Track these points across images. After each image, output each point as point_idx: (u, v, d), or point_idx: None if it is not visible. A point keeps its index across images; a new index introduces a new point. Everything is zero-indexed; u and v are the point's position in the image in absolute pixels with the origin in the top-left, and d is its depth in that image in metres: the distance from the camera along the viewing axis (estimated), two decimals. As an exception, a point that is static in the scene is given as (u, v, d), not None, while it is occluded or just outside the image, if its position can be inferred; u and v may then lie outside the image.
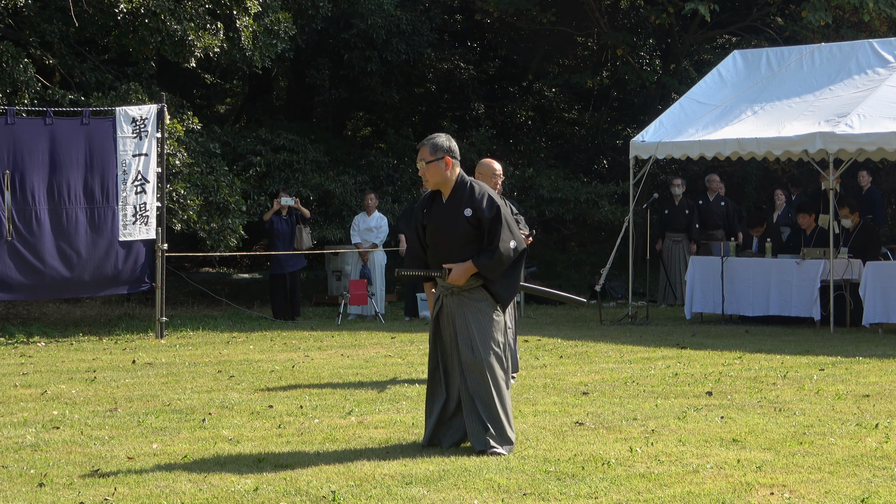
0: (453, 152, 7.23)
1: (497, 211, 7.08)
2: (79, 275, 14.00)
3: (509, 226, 7.10)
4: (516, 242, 7.10)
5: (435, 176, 7.21)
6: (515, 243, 7.09)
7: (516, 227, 7.24)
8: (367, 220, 17.68)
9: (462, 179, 7.23)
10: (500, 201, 7.20)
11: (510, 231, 7.09)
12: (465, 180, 7.23)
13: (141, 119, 14.27)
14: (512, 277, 7.17)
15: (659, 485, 6.14)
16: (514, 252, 7.09)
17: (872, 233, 15.80)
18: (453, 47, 25.70)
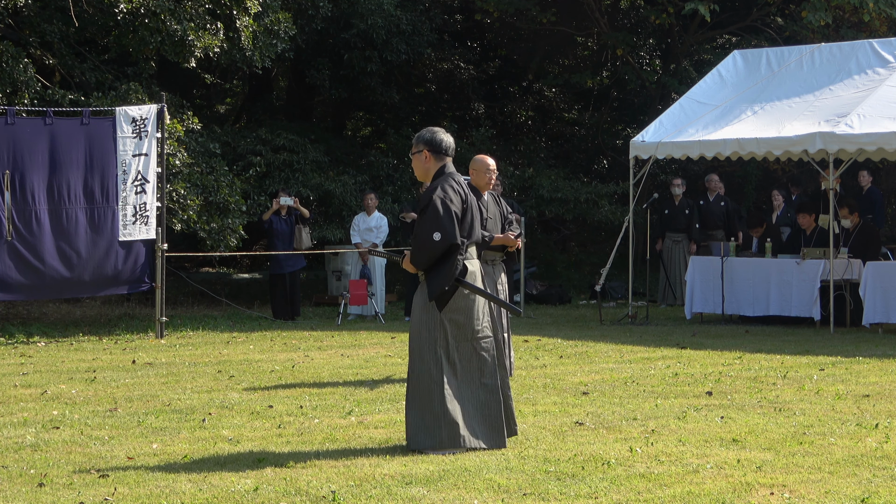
0: (434, 145, 7.22)
1: (427, 202, 7.07)
2: (79, 275, 14.00)
3: (437, 217, 6.99)
4: (440, 234, 6.98)
5: (415, 168, 7.36)
6: (439, 235, 6.98)
7: (450, 220, 7.01)
8: (367, 220, 17.68)
9: (440, 174, 7.20)
10: (446, 194, 7.05)
11: (437, 222, 6.98)
12: (443, 175, 7.19)
13: (141, 119, 14.27)
14: (439, 271, 7.05)
15: (659, 485, 6.14)
16: (435, 243, 6.98)
17: (872, 233, 15.80)
18: (453, 47, 25.69)
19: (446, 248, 7.02)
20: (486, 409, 7.10)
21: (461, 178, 7.31)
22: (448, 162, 7.29)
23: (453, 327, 7.10)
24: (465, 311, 7.13)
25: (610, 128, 26.40)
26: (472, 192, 7.44)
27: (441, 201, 7.06)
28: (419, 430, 7.06)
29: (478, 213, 7.33)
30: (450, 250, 7.03)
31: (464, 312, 7.13)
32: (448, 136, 7.35)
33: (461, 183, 7.25)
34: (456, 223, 7.05)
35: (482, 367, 7.13)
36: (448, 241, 7.01)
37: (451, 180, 7.20)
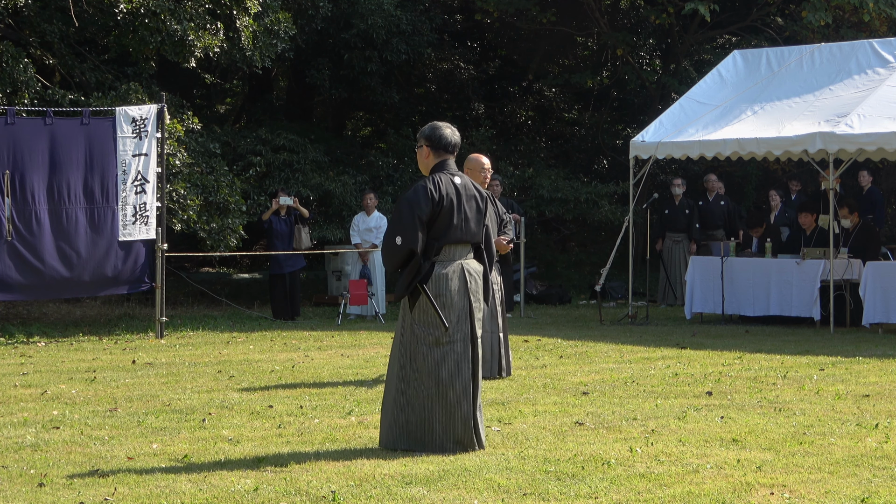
0: (434, 141, 7.14)
1: (396, 205, 7.09)
2: (78, 275, 14.00)
3: (400, 220, 6.94)
4: (401, 238, 6.92)
5: (418, 162, 7.31)
6: (400, 239, 6.93)
7: (412, 223, 6.92)
8: (367, 220, 17.68)
9: (436, 170, 7.13)
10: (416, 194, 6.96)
11: (400, 226, 6.93)
12: (438, 171, 7.12)
13: (141, 119, 14.26)
14: (403, 273, 7.01)
15: (659, 485, 6.14)
16: (397, 247, 6.93)
17: (872, 233, 15.80)
18: (453, 47, 25.69)
19: (407, 252, 6.94)
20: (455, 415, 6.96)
21: (455, 174, 7.15)
22: (448, 158, 7.18)
23: (420, 329, 7.00)
24: (430, 314, 7.00)
25: (610, 128, 26.39)
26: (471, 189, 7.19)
27: (407, 203, 6.98)
28: (387, 431, 7.10)
29: (465, 213, 7.10)
30: (410, 254, 6.95)
31: (430, 316, 7.00)
32: (452, 131, 7.21)
33: (449, 181, 7.08)
34: (419, 226, 6.93)
35: (446, 372, 6.96)
36: (407, 246, 6.93)
37: (437, 177, 7.07)
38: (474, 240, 7.20)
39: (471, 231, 7.16)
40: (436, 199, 6.99)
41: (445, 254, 7.08)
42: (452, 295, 7.04)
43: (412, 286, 7.00)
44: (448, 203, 7.03)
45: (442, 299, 7.01)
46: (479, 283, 7.18)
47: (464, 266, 7.13)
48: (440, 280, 7.03)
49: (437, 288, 7.01)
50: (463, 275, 7.11)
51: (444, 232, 7.04)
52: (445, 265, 7.07)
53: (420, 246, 6.95)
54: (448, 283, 7.05)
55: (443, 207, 7.01)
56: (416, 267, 6.97)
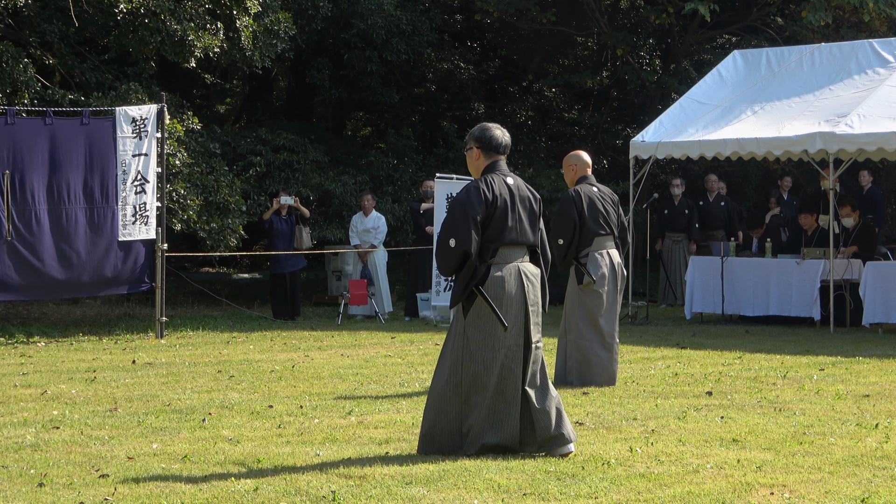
0: (484, 142, 6.98)
1: (449, 207, 6.98)
2: (78, 275, 14.00)
3: (453, 222, 6.79)
4: (455, 240, 6.75)
5: (468, 165, 7.13)
6: (454, 241, 6.76)
7: (466, 224, 6.74)
8: (365, 220, 17.68)
9: (487, 172, 6.98)
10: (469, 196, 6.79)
11: (453, 228, 6.78)
12: (489, 172, 6.98)
13: (141, 119, 14.27)
14: (458, 277, 6.85)
15: (659, 485, 6.14)
16: (451, 249, 6.76)
17: (870, 232, 15.79)
18: (453, 47, 25.70)
19: (462, 254, 6.77)
20: (500, 420, 6.82)
21: (508, 175, 6.98)
22: (499, 160, 7.02)
23: (474, 335, 6.82)
24: (488, 319, 6.82)
25: (610, 128, 26.40)
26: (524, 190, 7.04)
27: (460, 204, 6.82)
28: (424, 434, 6.96)
29: (520, 214, 6.93)
30: (464, 256, 6.78)
31: (486, 321, 6.82)
32: (502, 132, 7.06)
33: (501, 181, 6.92)
34: (472, 227, 6.76)
35: (499, 379, 6.81)
36: (461, 247, 6.76)
37: (489, 178, 6.91)
38: (530, 242, 7.01)
39: (526, 232, 6.97)
40: (489, 199, 6.83)
41: (501, 256, 6.88)
42: (510, 298, 6.84)
43: (468, 290, 6.82)
44: (502, 203, 6.86)
45: (498, 302, 6.81)
46: (536, 287, 6.99)
47: (521, 268, 6.93)
48: (497, 283, 6.83)
49: (494, 291, 6.81)
50: (520, 277, 6.91)
51: (500, 233, 6.86)
52: (501, 267, 6.87)
53: (475, 247, 6.77)
54: (505, 286, 6.85)
55: (496, 208, 6.84)
56: (472, 270, 6.80)
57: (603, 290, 9.92)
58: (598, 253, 9.93)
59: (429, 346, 13.18)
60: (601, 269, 9.91)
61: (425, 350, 12.83)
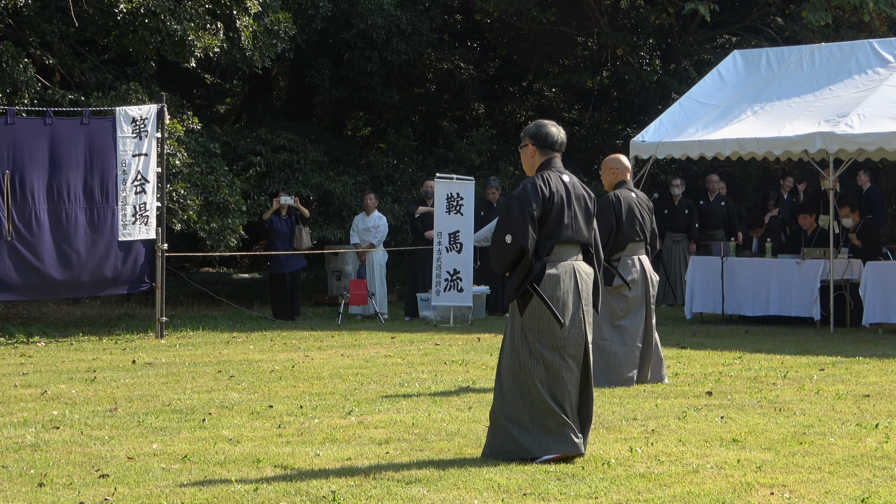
0: (539, 139, 6.87)
1: (504, 203, 6.85)
2: (78, 275, 14.00)
3: (509, 218, 6.68)
4: (511, 237, 6.64)
5: (523, 162, 7.03)
6: (510, 237, 6.64)
7: (523, 220, 6.63)
8: (366, 220, 17.69)
9: (542, 169, 6.86)
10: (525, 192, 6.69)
11: (509, 224, 6.67)
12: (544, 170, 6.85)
13: (141, 119, 14.27)
14: (512, 275, 6.74)
15: (659, 485, 6.14)
16: (507, 245, 6.64)
17: (873, 233, 15.80)
18: (453, 47, 25.70)
19: (518, 251, 6.65)
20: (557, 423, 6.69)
21: (564, 172, 6.87)
22: (555, 157, 6.90)
23: (532, 335, 6.70)
24: (545, 318, 6.70)
25: (610, 128, 26.40)
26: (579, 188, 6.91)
27: (517, 200, 6.70)
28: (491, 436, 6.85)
29: (575, 211, 6.81)
30: (520, 253, 6.66)
31: (542, 320, 6.70)
32: (557, 129, 6.94)
33: (558, 178, 6.81)
34: (529, 223, 6.64)
35: (560, 378, 6.70)
36: (518, 243, 6.63)
37: (545, 174, 6.80)
38: (585, 240, 6.90)
39: (581, 231, 6.87)
40: (545, 195, 6.72)
41: (556, 254, 6.78)
42: (565, 297, 6.74)
43: (523, 287, 6.69)
44: (558, 200, 6.76)
45: (554, 301, 6.69)
46: (589, 286, 6.88)
47: (575, 267, 6.83)
48: (551, 281, 6.72)
49: (549, 289, 6.69)
50: (574, 277, 6.81)
51: (556, 231, 6.76)
52: (556, 266, 6.77)
53: (531, 244, 6.66)
54: (560, 285, 6.74)
55: (553, 205, 6.74)
56: (527, 267, 6.67)
57: (630, 294, 9.94)
58: (629, 258, 10.00)
59: (429, 346, 13.19)
60: (632, 274, 9.96)
61: (425, 350, 12.84)
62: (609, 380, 9.82)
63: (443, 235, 16.44)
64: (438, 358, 12.03)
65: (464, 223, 16.54)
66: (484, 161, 22.65)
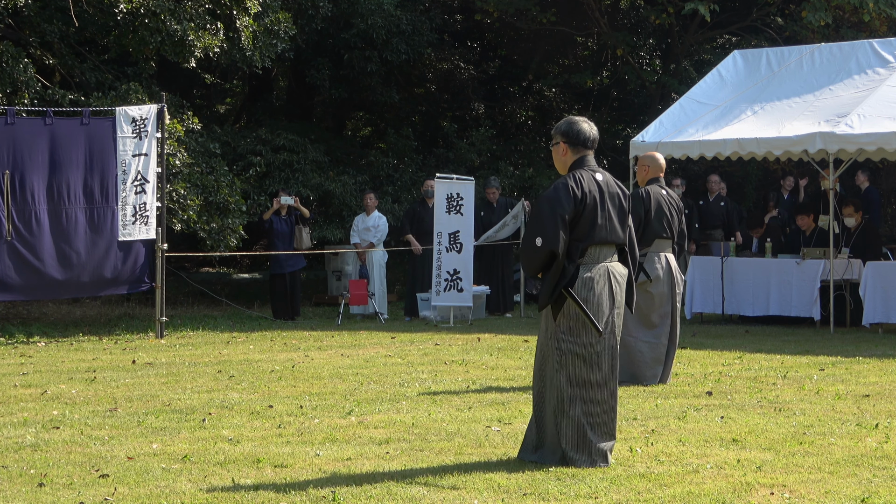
0: (571, 137, 6.72)
1: (535, 204, 6.84)
2: (78, 275, 14.00)
3: (540, 221, 6.54)
4: (542, 239, 6.48)
5: (554, 160, 6.89)
6: (541, 240, 6.48)
7: (553, 223, 6.49)
8: (366, 219, 17.69)
9: (575, 167, 6.73)
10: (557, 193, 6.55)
11: (540, 226, 6.53)
12: (577, 168, 6.72)
13: (141, 119, 14.27)
14: (545, 279, 6.60)
15: (659, 485, 6.14)
16: (537, 248, 6.50)
17: (873, 233, 15.80)
18: (453, 47, 25.70)
19: (548, 254, 6.51)
20: (602, 423, 6.66)
21: (597, 170, 6.74)
22: (587, 154, 6.75)
23: (566, 338, 6.61)
24: (577, 322, 6.59)
25: (610, 128, 26.39)
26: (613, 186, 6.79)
27: (547, 202, 6.56)
28: (528, 439, 6.78)
29: (609, 211, 6.68)
30: (551, 256, 6.52)
31: (577, 324, 6.59)
32: (589, 125, 6.79)
33: (591, 178, 6.67)
34: (560, 226, 6.50)
35: (593, 383, 6.65)
36: (548, 247, 6.49)
37: (578, 174, 6.65)
38: (619, 240, 6.75)
39: (616, 231, 6.72)
40: (578, 196, 6.57)
41: (590, 256, 6.64)
42: (599, 300, 6.61)
43: (556, 291, 6.55)
44: (591, 201, 6.60)
45: (588, 305, 6.56)
46: (623, 288, 6.76)
47: (609, 269, 6.70)
48: (585, 284, 6.58)
49: (582, 292, 6.56)
50: (609, 279, 6.67)
51: (589, 232, 6.61)
52: (590, 268, 6.62)
53: (562, 247, 6.51)
54: (594, 288, 6.60)
55: (586, 205, 6.58)
56: (560, 270, 6.54)
57: (655, 291, 9.96)
58: (656, 255, 10.04)
59: (429, 346, 13.19)
60: (657, 271, 9.99)
61: (425, 350, 12.84)
62: (634, 377, 9.86)
63: (443, 235, 16.44)
64: (438, 358, 12.03)
65: (464, 223, 16.55)
66: (484, 161, 22.66)
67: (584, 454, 6.58)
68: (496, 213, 17.80)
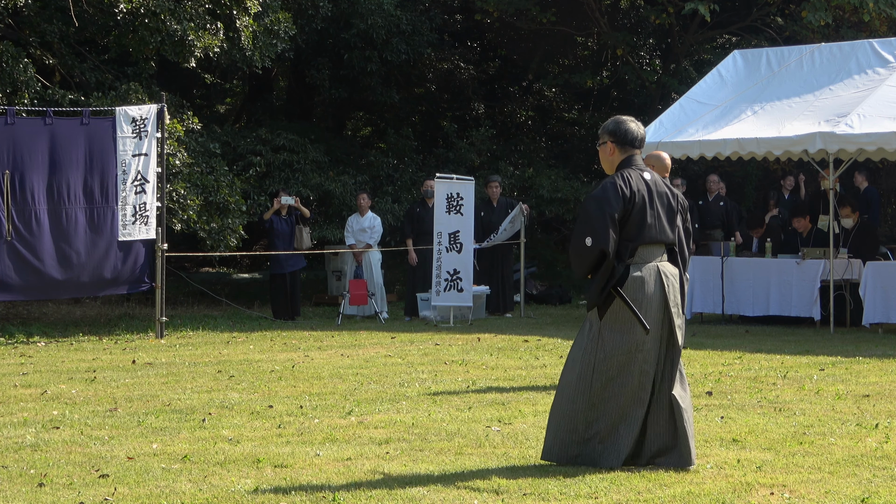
0: (619, 136, 6.67)
1: (583, 204, 6.62)
2: (78, 275, 14.00)
3: (589, 220, 6.46)
4: (592, 239, 6.41)
5: (601, 160, 6.81)
6: (591, 240, 6.42)
7: (603, 222, 6.41)
8: (361, 220, 17.67)
9: (622, 167, 6.65)
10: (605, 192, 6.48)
11: (589, 225, 6.44)
12: (624, 168, 6.64)
13: (141, 119, 14.27)
14: (594, 279, 6.50)
15: (659, 485, 6.14)
16: (587, 248, 6.41)
17: (870, 232, 15.79)
18: (453, 47, 25.70)
19: (599, 254, 6.42)
20: (635, 426, 6.52)
21: (644, 170, 6.66)
22: (635, 154, 6.69)
23: (612, 336, 6.49)
24: (626, 321, 6.49)
25: (610, 128, 26.36)
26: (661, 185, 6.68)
27: (596, 201, 6.49)
28: (552, 442, 6.62)
29: (658, 211, 6.58)
30: (601, 256, 6.43)
31: (625, 322, 6.48)
32: (637, 125, 6.73)
33: (639, 177, 6.59)
34: (610, 225, 6.42)
35: (635, 383, 6.49)
36: (598, 246, 6.40)
37: (625, 173, 6.58)
38: (668, 240, 6.66)
39: (665, 231, 6.63)
40: (626, 195, 6.50)
41: (640, 255, 6.55)
42: (649, 300, 6.51)
43: (606, 291, 6.47)
44: (640, 200, 6.53)
45: (638, 304, 6.46)
46: (676, 287, 6.64)
47: (660, 268, 6.59)
48: (635, 283, 6.49)
49: (633, 292, 6.47)
50: (660, 278, 6.56)
51: (638, 232, 6.53)
52: (640, 268, 6.53)
53: (612, 247, 6.42)
54: (644, 287, 6.51)
55: (634, 205, 6.51)
56: (610, 270, 6.45)
57: None
58: None
59: (429, 346, 13.19)
60: None
61: (425, 350, 12.84)
62: None
63: (443, 235, 16.44)
64: (438, 358, 12.03)
65: (464, 223, 16.54)
66: (484, 161, 22.66)
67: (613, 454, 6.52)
68: (496, 212, 17.79)
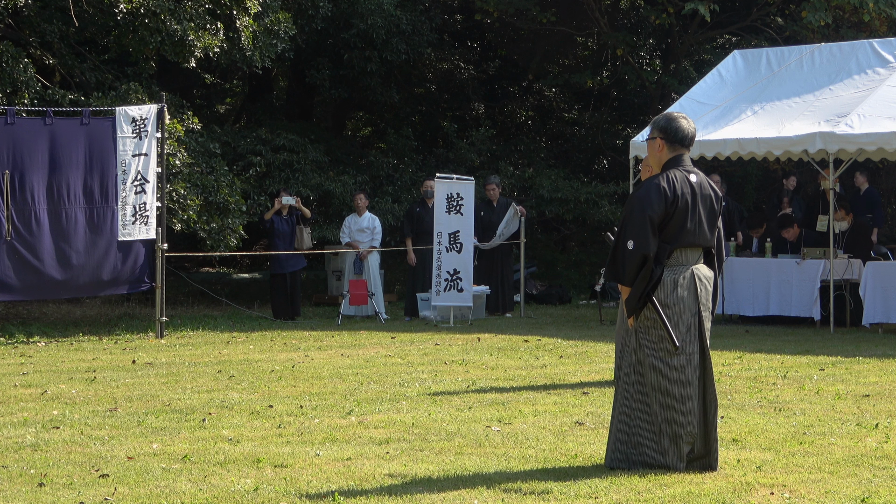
0: (670, 133, 6.53)
1: (626, 205, 6.48)
2: (78, 275, 14.00)
3: (632, 224, 6.33)
4: (633, 242, 6.29)
5: (649, 155, 6.67)
6: (633, 243, 6.30)
7: (643, 226, 6.30)
8: (359, 220, 17.65)
9: (670, 166, 6.53)
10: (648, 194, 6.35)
11: (631, 229, 6.33)
12: (671, 167, 6.52)
13: (141, 119, 14.27)
14: (636, 284, 6.35)
15: (659, 485, 6.14)
16: (630, 252, 6.31)
17: (864, 232, 15.77)
18: (453, 47, 25.70)
19: (641, 259, 6.30)
20: (670, 431, 6.43)
21: (692, 171, 6.54)
22: (683, 153, 6.57)
23: (645, 340, 6.44)
24: (657, 326, 6.40)
25: (610, 128, 26.40)
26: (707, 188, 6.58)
27: (638, 202, 6.37)
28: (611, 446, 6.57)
29: (700, 214, 6.47)
30: (643, 261, 6.31)
31: (656, 328, 6.40)
32: (688, 122, 6.59)
33: (684, 178, 6.47)
34: (650, 228, 6.30)
35: (673, 386, 6.40)
36: (640, 251, 6.29)
37: (671, 174, 6.45)
38: (707, 244, 6.56)
39: (704, 234, 6.51)
40: (669, 198, 6.37)
41: (676, 258, 6.47)
42: (681, 304, 6.43)
43: (644, 298, 6.36)
44: (683, 204, 6.40)
45: (670, 309, 6.39)
46: (709, 290, 6.55)
47: (694, 272, 6.50)
48: (668, 287, 6.41)
49: (665, 296, 6.39)
50: (693, 282, 6.48)
51: (677, 235, 6.42)
52: (675, 270, 6.45)
53: (653, 250, 6.31)
54: (677, 291, 6.43)
55: (677, 208, 6.38)
56: (649, 275, 6.33)
57: None
58: None
59: (429, 346, 13.19)
60: None
61: (425, 350, 12.84)
62: None
63: (443, 235, 16.44)
64: (438, 358, 12.03)
65: (464, 223, 16.54)
66: (484, 161, 22.66)
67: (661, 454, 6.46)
68: (496, 212, 17.78)
